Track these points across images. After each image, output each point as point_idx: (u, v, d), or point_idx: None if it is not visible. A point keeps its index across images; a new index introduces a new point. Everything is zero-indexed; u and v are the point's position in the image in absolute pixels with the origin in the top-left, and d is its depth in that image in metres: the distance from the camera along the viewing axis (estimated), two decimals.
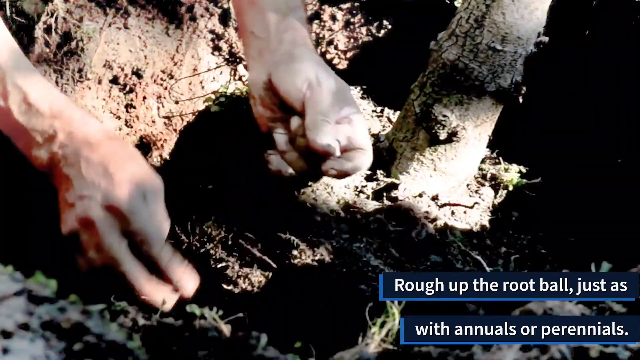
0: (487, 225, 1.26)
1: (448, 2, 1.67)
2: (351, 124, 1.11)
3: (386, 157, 1.30)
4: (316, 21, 1.87)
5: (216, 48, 1.86)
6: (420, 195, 1.26)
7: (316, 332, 1.10)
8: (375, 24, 1.85)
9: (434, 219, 1.22)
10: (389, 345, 0.82)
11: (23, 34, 1.57)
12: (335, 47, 1.85)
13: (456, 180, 1.28)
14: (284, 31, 1.14)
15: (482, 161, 1.35)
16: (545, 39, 1.18)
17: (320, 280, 1.18)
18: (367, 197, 1.26)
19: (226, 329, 0.78)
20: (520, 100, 1.22)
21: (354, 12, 1.87)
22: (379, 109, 1.53)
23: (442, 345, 0.69)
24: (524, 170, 1.38)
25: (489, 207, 1.29)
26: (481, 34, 1.16)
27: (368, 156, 1.13)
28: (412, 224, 1.20)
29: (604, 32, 1.52)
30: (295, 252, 1.19)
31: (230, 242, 1.29)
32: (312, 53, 1.16)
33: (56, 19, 1.63)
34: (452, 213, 1.25)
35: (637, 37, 1.47)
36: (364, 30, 1.85)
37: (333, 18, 1.88)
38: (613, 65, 1.50)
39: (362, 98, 1.57)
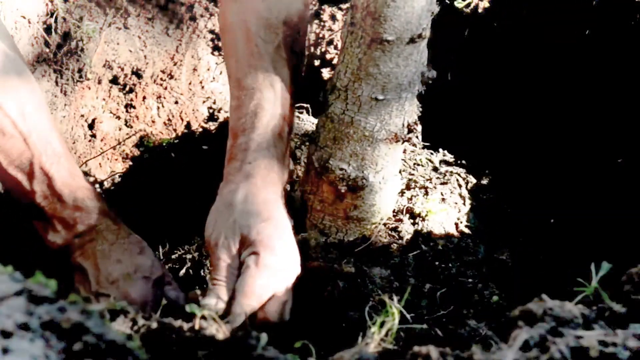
0: (411, 261, 1.21)
1: (448, 2, 1.67)
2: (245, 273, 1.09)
3: (299, 209, 1.27)
4: (316, 21, 1.87)
5: (216, 48, 1.86)
6: (336, 247, 1.23)
7: (316, 332, 1.10)
8: None
9: (347, 273, 1.18)
10: (389, 345, 0.82)
11: (23, 34, 1.57)
12: (335, 47, 1.85)
13: (370, 223, 1.24)
14: (232, 182, 1.15)
15: (405, 191, 1.31)
16: (433, 73, 1.13)
17: (319, 280, 1.19)
18: None
19: (226, 329, 0.78)
20: (420, 138, 1.18)
21: None
22: None
23: (442, 345, 0.69)
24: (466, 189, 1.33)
25: (409, 242, 1.23)
26: (360, 87, 1.11)
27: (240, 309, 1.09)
28: (323, 284, 1.18)
29: (603, 32, 1.52)
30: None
31: None
32: (228, 208, 1.14)
33: (56, 19, 1.63)
34: (371, 258, 1.21)
35: (637, 37, 1.47)
36: None
37: (333, 18, 1.88)
38: (613, 65, 1.50)
39: None
